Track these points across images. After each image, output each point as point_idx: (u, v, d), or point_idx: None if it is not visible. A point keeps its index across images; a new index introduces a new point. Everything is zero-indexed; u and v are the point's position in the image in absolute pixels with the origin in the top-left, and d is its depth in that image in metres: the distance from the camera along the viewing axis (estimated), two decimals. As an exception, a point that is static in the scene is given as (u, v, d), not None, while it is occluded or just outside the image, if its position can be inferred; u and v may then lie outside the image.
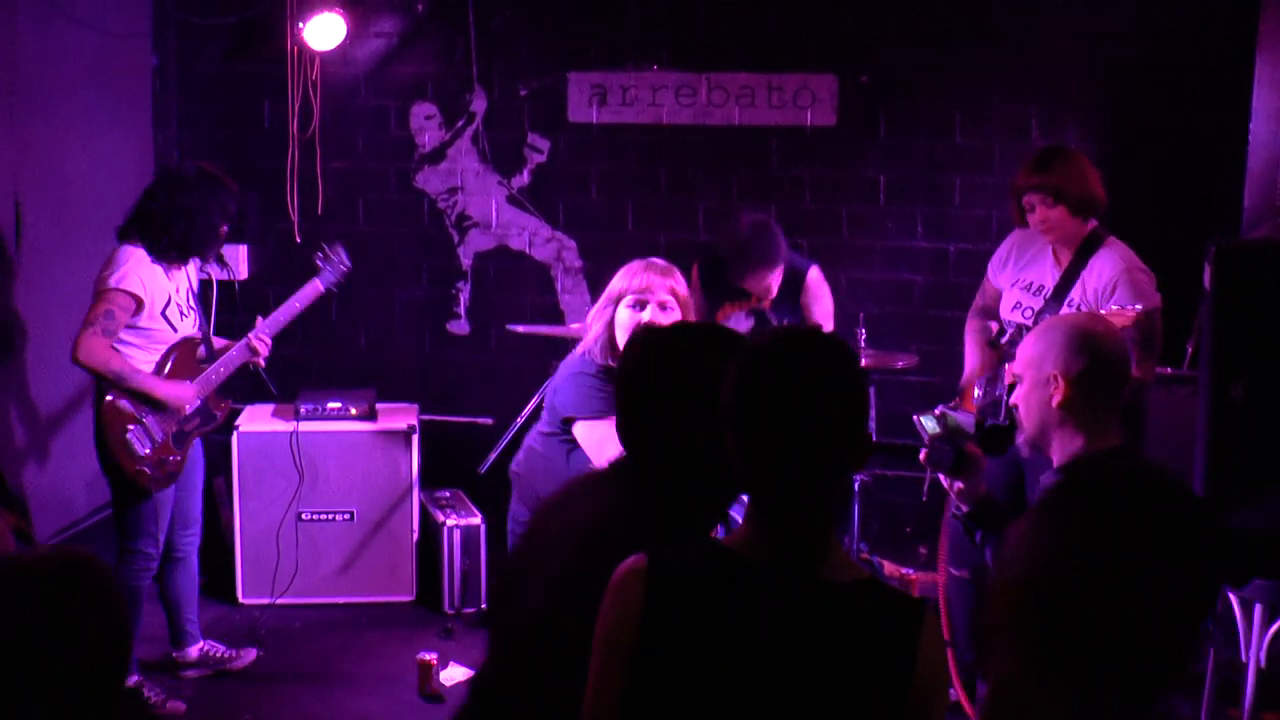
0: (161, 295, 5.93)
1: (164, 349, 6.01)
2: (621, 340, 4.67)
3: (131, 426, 5.93)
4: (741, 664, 2.45)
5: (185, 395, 6.06)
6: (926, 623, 2.48)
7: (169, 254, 5.93)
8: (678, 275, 4.90)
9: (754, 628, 2.46)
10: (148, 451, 5.95)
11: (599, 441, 4.59)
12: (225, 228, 6.12)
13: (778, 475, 2.52)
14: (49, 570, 2.52)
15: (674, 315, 4.79)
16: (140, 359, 5.94)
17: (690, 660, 2.46)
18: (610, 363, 4.79)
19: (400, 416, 7.46)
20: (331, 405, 7.32)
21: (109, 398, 5.90)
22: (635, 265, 4.88)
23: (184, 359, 6.09)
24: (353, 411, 7.32)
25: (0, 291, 6.64)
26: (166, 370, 6.01)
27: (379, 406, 7.47)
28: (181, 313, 6.04)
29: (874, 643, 2.46)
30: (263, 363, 6.28)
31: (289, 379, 7.60)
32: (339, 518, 7.25)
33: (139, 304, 5.83)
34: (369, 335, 8.51)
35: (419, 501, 7.36)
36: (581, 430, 4.73)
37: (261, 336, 6.26)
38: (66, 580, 2.51)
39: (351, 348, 8.49)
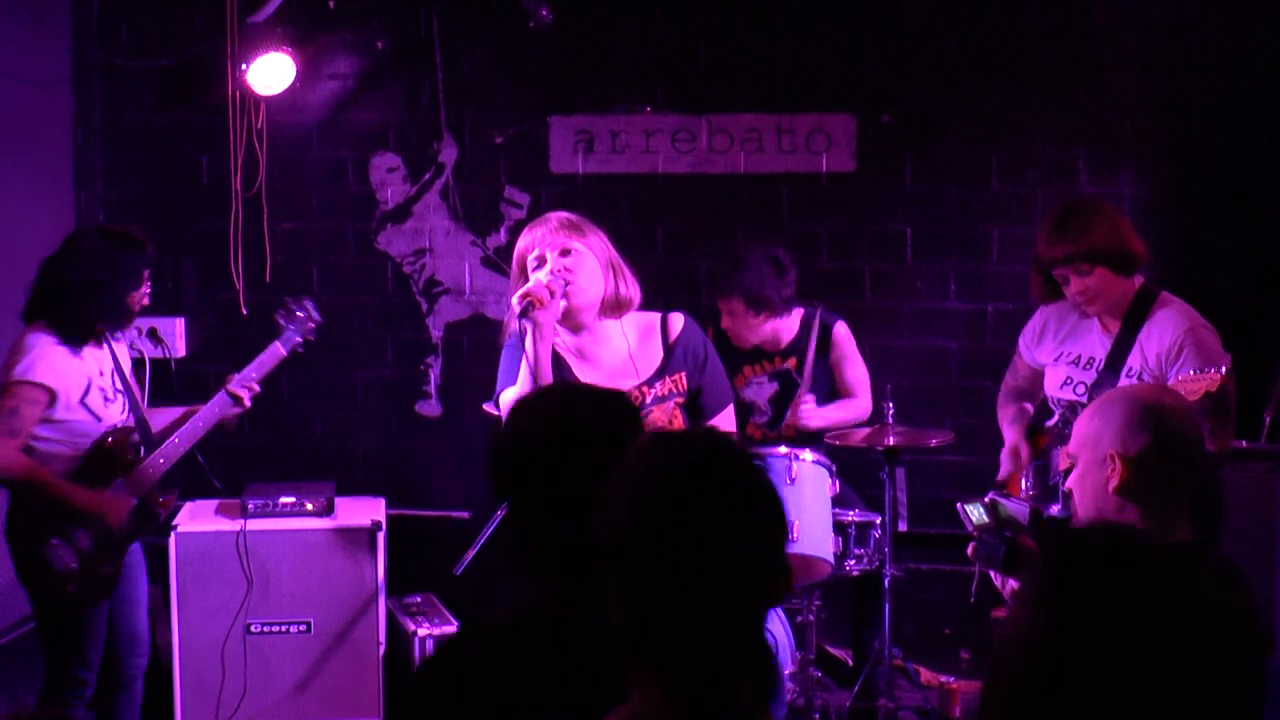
0: (79, 382, 5.84)
1: (88, 442, 5.91)
2: None
3: (53, 540, 5.81)
4: None
5: (112, 505, 5.94)
6: None
7: (77, 334, 5.85)
8: (583, 224, 5.18)
9: None
10: (73, 566, 5.83)
11: (505, 406, 4.85)
12: (137, 294, 6.00)
13: (676, 633, 2.29)
14: None
15: (582, 260, 5.04)
16: (64, 457, 5.85)
17: None
18: None
19: (363, 512, 7.41)
20: (284, 500, 7.27)
21: (21, 510, 5.82)
22: (527, 227, 5.17)
23: (115, 453, 5.99)
24: (309, 507, 7.28)
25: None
26: (95, 469, 5.91)
27: (338, 501, 7.42)
28: (106, 398, 5.95)
29: None
30: (248, 403, 6.21)
31: (235, 471, 7.55)
32: (294, 629, 7.20)
33: (51, 396, 5.74)
34: (326, 420, 8.49)
35: (385, 609, 7.31)
36: (501, 404, 4.99)
37: (248, 383, 6.21)
38: None
39: (307, 434, 8.47)
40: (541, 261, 5.01)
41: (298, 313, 6.50)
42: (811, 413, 6.95)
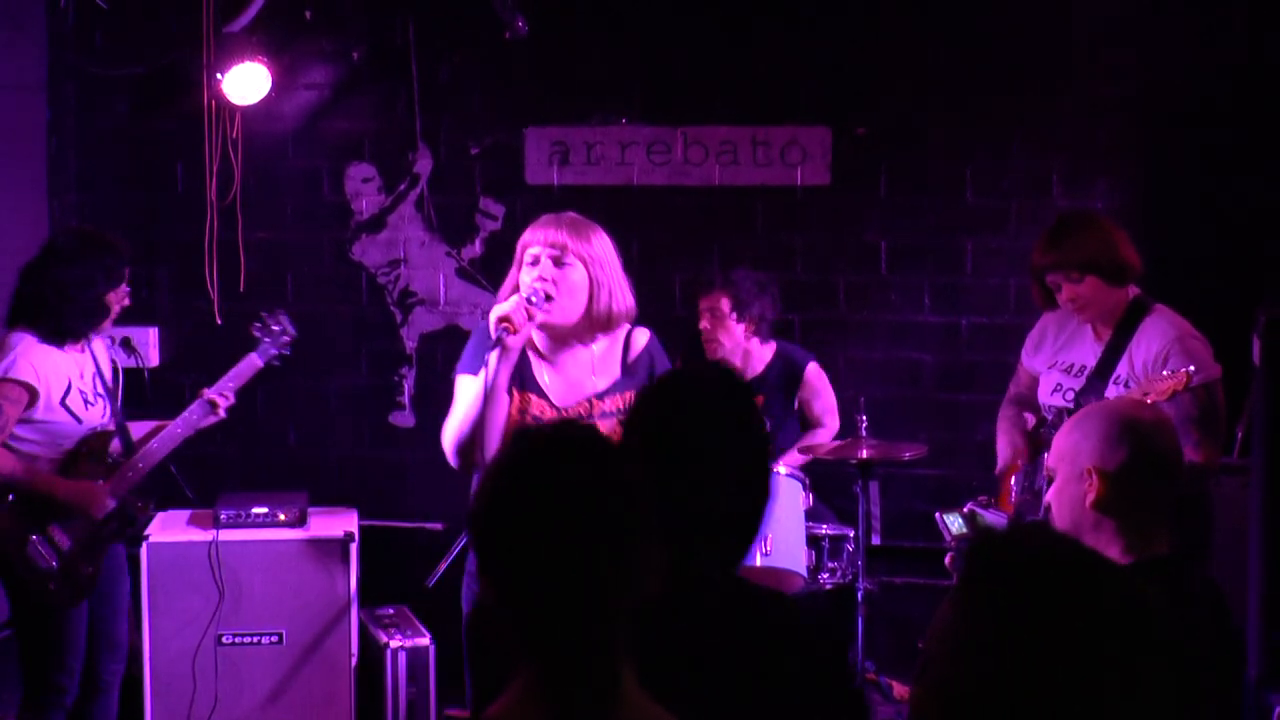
0: (60, 382, 5.86)
1: (68, 444, 5.93)
2: None
3: (33, 536, 5.83)
4: None
5: (94, 496, 5.95)
6: None
7: (57, 337, 5.87)
8: (589, 231, 5.08)
9: None
10: (54, 565, 5.85)
11: (460, 397, 4.95)
12: (116, 295, 6.01)
13: (536, 617, 2.41)
14: None
15: (574, 271, 4.96)
16: (43, 459, 5.87)
17: None
18: None
19: (336, 522, 7.37)
20: (256, 510, 7.22)
21: (2, 508, 5.82)
22: (538, 219, 5.11)
23: (94, 455, 6.01)
24: (281, 517, 7.23)
25: None
26: (75, 469, 5.94)
27: (311, 511, 7.37)
28: (87, 401, 5.97)
29: None
30: (224, 413, 6.21)
31: (207, 481, 7.51)
32: (265, 640, 7.15)
33: (32, 395, 5.76)
34: (299, 430, 8.43)
35: (358, 620, 7.26)
36: (457, 386, 5.00)
37: (225, 392, 6.21)
38: None
39: (279, 444, 8.41)
40: (536, 261, 4.95)
41: (273, 325, 6.53)
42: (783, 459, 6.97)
